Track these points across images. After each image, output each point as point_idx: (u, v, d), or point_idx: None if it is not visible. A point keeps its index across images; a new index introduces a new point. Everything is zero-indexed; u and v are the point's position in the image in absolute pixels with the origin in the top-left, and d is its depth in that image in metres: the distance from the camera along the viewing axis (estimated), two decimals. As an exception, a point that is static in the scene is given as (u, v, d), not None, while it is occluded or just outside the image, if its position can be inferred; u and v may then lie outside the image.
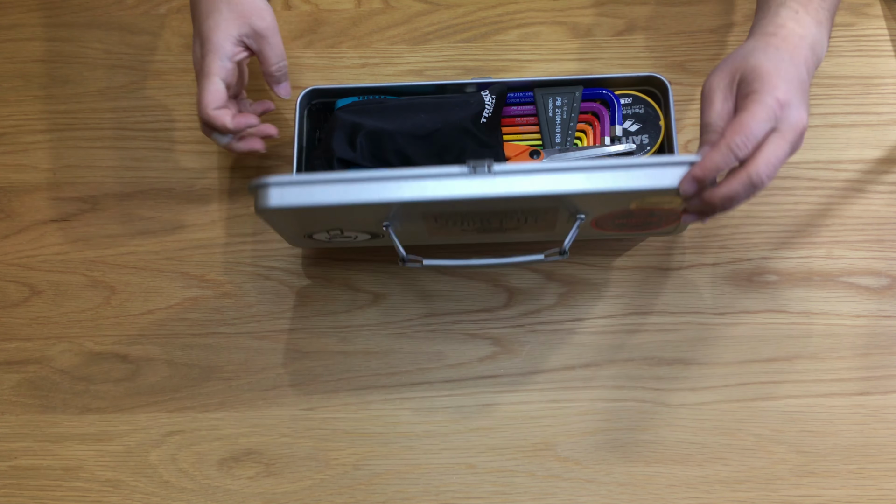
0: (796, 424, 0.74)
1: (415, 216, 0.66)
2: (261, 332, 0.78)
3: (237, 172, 0.83)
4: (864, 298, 0.77)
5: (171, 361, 0.78)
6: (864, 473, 0.73)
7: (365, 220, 0.67)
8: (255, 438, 0.76)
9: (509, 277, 0.79)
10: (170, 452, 0.76)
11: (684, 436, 0.74)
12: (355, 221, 0.68)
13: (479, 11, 0.87)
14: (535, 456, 0.74)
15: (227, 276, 0.80)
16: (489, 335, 0.78)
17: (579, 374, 0.76)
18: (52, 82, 0.87)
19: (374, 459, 0.75)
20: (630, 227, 0.71)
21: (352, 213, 0.64)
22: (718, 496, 0.73)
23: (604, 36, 0.86)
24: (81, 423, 0.77)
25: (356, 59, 0.86)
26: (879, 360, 0.75)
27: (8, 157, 0.85)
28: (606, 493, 0.73)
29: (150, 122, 0.85)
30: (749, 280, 0.78)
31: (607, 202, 0.64)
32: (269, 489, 0.74)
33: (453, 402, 0.76)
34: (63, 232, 0.82)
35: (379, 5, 0.88)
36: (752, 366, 0.76)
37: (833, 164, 0.81)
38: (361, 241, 0.73)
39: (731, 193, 0.60)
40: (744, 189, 0.59)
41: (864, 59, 0.84)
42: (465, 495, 0.74)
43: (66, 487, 0.75)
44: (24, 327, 0.80)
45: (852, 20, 0.85)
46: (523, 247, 0.79)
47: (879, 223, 0.79)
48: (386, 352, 0.78)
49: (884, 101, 0.82)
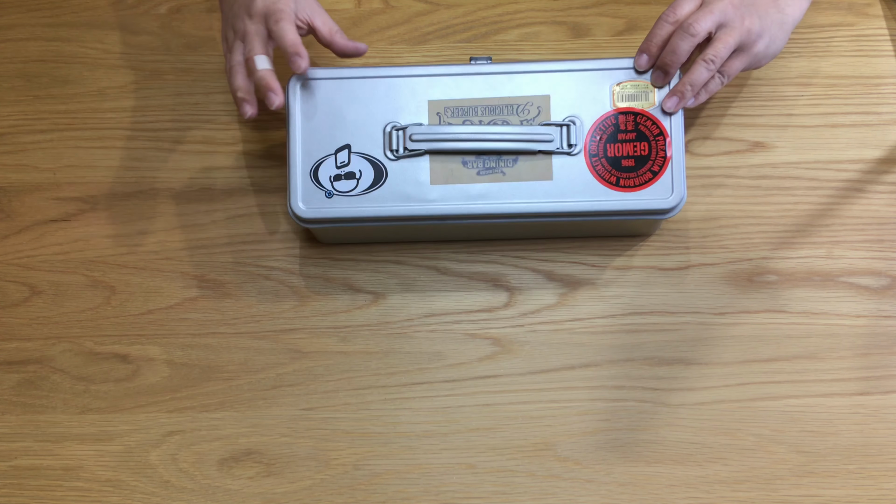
0: (796, 424, 0.74)
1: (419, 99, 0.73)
2: (261, 332, 0.78)
3: (237, 172, 0.83)
4: (864, 298, 0.77)
5: (171, 361, 0.78)
6: (864, 473, 0.73)
7: (374, 117, 0.73)
8: (255, 438, 0.76)
9: (509, 277, 0.79)
10: (170, 452, 0.76)
11: (684, 436, 0.74)
12: (366, 116, 0.73)
13: (479, 11, 0.87)
14: (535, 456, 0.74)
15: (227, 276, 0.80)
16: (489, 335, 0.78)
17: (579, 374, 0.76)
18: (52, 82, 0.87)
19: (374, 459, 0.75)
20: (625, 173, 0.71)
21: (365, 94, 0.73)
22: (718, 496, 0.73)
23: (604, 36, 0.86)
24: (81, 423, 0.77)
25: (356, 58, 0.86)
26: (879, 360, 0.75)
27: (8, 157, 0.85)
28: (606, 493, 0.73)
29: (150, 122, 0.85)
30: (749, 280, 0.78)
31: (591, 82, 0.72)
32: (269, 489, 0.74)
33: (453, 402, 0.76)
34: (63, 232, 0.82)
35: (379, 5, 0.88)
36: (752, 366, 0.76)
37: (833, 164, 0.81)
38: (363, 188, 0.73)
39: (672, 45, 0.70)
40: (679, 38, 0.70)
41: (864, 59, 0.84)
42: (465, 495, 0.74)
43: (66, 487, 0.75)
44: (24, 327, 0.80)
45: (852, 20, 0.85)
46: (524, 244, 0.79)
47: (879, 223, 0.79)
48: (386, 352, 0.78)
49: (884, 101, 0.82)
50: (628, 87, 0.72)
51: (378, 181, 0.73)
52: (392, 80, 0.73)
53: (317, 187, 0.73)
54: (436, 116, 0.73)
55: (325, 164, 0.73)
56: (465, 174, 0.72)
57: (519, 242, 0.80)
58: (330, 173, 0.73)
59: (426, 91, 0.73)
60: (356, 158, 0.73)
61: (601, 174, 0.72)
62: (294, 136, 0.73)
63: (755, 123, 0.82)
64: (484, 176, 0.72)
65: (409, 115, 0.73)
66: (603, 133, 0.72)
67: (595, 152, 0.72)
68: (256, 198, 0.82)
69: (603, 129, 0.72)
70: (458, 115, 0.73)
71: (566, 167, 0.72)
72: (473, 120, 0.73)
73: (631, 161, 0.72)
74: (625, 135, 0.72)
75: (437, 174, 0.72)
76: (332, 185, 0.73)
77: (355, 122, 0.73)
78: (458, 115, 0.73)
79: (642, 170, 0.71)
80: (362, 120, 0.73)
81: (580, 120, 0.72)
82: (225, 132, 0.84)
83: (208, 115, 0.85)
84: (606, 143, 0.72)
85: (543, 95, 0.72)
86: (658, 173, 0.71)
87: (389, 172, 0.73)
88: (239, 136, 0.84)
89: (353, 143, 0.73)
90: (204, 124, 0.85)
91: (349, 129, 0.73)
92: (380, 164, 0.73)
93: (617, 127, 0.72)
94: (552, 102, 0.72)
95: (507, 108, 0.73)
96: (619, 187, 0.72)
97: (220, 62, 0.87)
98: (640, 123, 0.72)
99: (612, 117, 0.72)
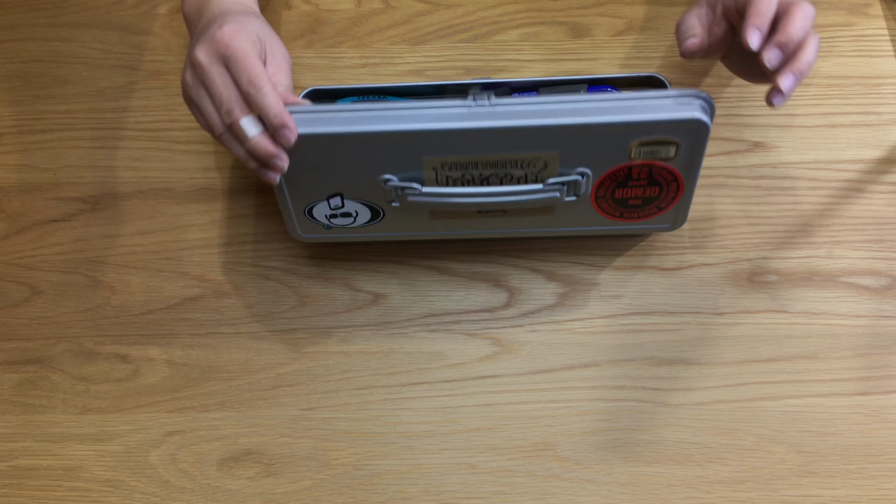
0: (796, 424, 0.74)
1: (414, 156, 0.66)
2: (261, 332, 0.78)
3: (237, 172, 0.83)
4: (864, 298, 0.77)
5: (171, 361, 0.78)
6: (864, 473, 0.73)
7: (366, 171, 0.67)
8: (255, 438, 0.76)
9: (509, 277, 0.79)
10: (170, 452, 0.76)
11: (684, 436, 0.74)
12: (358, 171, 0.67)
13: (479, 11, 0.87)
14: (535, 456, 0.74)
15: (227, 276, 0.80)
16: (489, 335, 0.78)
17: (579, 374, 0.76)
18: (52, 82, 0.87)
19: (374, 459, 0.75)
20: (631, 209, 0.71)
21: (355, 151, 0.65)
22: (718, 496, 0.73)
23: (604, 36, 0.86)
24: (81, 423, 0.77)
25: (356, 59, 0.86)
26: (879, 360, 0.75)
27: (8, 157, 0.85)
28: (606, 493, 0.73)
29: (150, 122, 0.85)
30: (749, 280, 0.78)
31: (607, 141, 0.64)
32: (269, 489, 0.74)
33: (453, 402, 0.76)
34: (63, 232, 0.82)
35: (379, 5, 0.88)
36: (752, 366, 0.76)
37: (833, 164, 0.81)
38: (361, 223, 0.72)
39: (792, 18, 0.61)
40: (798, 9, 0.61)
41: (864, 59, 0.84)
42: (465, 495, 0.74)
43: (66, 487, 0.75)
44: (24, 327, 0.80)
45: (852, 20, 0.85)
46: (523, 244, 0.79)
47: (879, 223, 0.79)
48: (386, 352, 0.78)
49: (884, 101, 0.82)
50: (649, 143, 0.64)
51: (376, 218, 0.72)
52: (385, 136, 0.64)
53: (313, 222, 0.73)
54: (432, 171, 0.67)
55: (318, 206, 0.71)
56: (466, 212, 0.71)
57: (519, 242, 0.80)
58: (325, 212, 0.71)
59: (422, 147, 0.65)
60: (350, 203, 0.71)
61: (605, 210, 0.71)
62: (282, 185, 0.69)
63: (755, 123, 0.82)
64: (485, 214, 0.71)
65: (404, 169, 0.67)
66: (613, 181, 0.68)
67: (602, 195, 0.69)
68: (256, 198, 0.82)
69: (614, 178, 0.67)
70: (456, 169, 0.66)
71: (569, 205, 0.69)
72: (474, 174, 0.67)
73: (638, 201, 0.70)
74: (636, 181, 0.68)
75: (437, 213, 0.71)
76: (328, 220, 0.72)
77: (347, 176, 0.68)
78: (456, 169, 0.66)
79: (649, 207, 0.71)
80: (354, 174, 0.67)
81: (590, 173, 0.66)
82: (225, 132, 0.84)
83: (208, 115, 0.85)
84: (615, 188, 0.68)
85: (552, 153, 0.65)
86: (664, 209, 0.71)
87: (387, 213, 0.71)
88: (239, 136, 0.84)
89: (346, 193, 0.69)
90: (204, 124, 0.85)
91: (341, 181, 0.68)
92: (377, 207, 0.71)
93: (629, 176, 0.67)
94: (562, 157, 0.65)
95: (510, 164, 0.66)
96: (623, 219, 0.72)
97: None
98: (655, 173, 0.67)
99: (625, 169, 0.66)
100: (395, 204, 0.69)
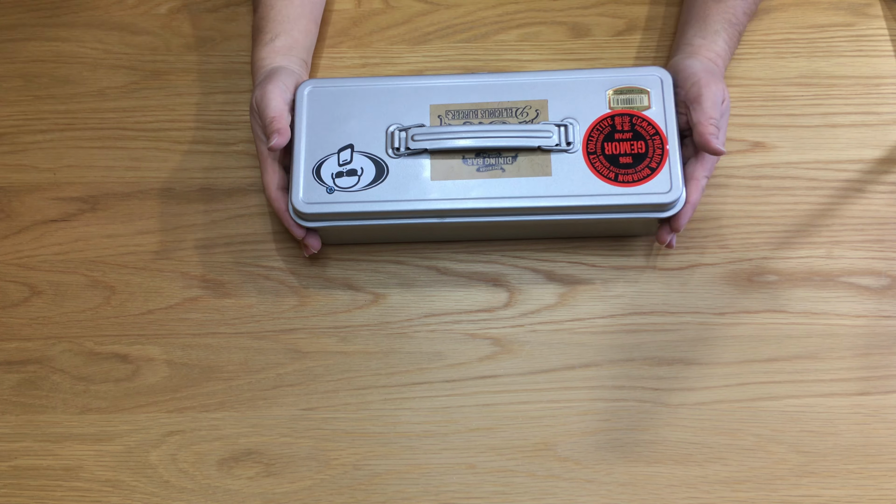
0: (796, 424, 0.74)
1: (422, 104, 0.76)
2: (261, 332, 0.78)
3: (237, 172, 0.83)
4: (864, 298, 0.77)
5: (171, 361, 0.78)
6: (864, 473, 0.73)
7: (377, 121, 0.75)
8: (255, 438, 0.76)
9: (509, 277, 0.79)
10: (170, 452, 0.76)
11: (684, 436, 0.74)
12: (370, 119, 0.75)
13: (479, 11, 0.87)
14: (535, 456, 0.74)
15: (227, 276, 0.80)
16: (489, 335, 0.78)
17: (579, 374, 0.76)
18: (52, 82, 0.87)
19: (374, 459, 0.75)
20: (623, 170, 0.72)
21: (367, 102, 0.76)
22: (718, 496, 0.73)
23: (604, 36, 0.86)
24: (81, 423, 0.77)
25: (356, 59, 0.86)
26: (879, 360, 0.75)
27: (8, 157, 0.85)
28: (606, 493, 0.73)
29: (150, 122, 0.85)
30: (749, 280, 0.78)
31: (586, 88, 0.75)
32: (269, 489, 0.74)
33: (453, 402, 0.76)
34: (63, 232, 0.82)
35: (379, 5, 0.88)
36: (752, 366, 0.76)
37: (833, 164, 0.81)
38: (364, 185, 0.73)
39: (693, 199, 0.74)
40: None
41: (864, 59, 0.84)
42: (465, 495, 0.74)
43: (66, 487, 0.75)
44: (24, 327, 0.80)
45: (852, 20, 0.85)
46: (523, 244, 0.79)
47: (879, 223, 0.79)
48: (386, 352, 0.78)
49: (884, 101, 0.82)
50: (623, 91, 0.75)
51: (379, 177, 0.74)
52: (395, 88, 0.76)
53: (318, 184, 0.74)
54: (437, 119, 0.75)
55: (327, 162, 0.74)
56: (465, 170, 0.73)
57: (519, 242, 0.80)
58: (332, 171, 0.74)
59: (427, 97, 0.76)
60: (358, 157, 0.74)
61: (599, 170, 0.73)
62: (299, 137, 0.75)
63: (755, 123, 0.82)
64: (483, 172, 0.73)
65: (411, 119, 0.75)
66: (600, 133, 0.74)
67: (593, 150, 0.73)
68: (256, 198, 0.82)
69: (600, 129, 0.74)
70: (458, 117, 0.75)
71: (565, 164, 0.73)
72: (473, 121, 0.75)
73: (629, 158, 0.73)
74: (622, 134, 0.74)
75: (437, 171, 0.73)
76: (333, 181, 0.74)
77: (359, 125, 0.75)
78: (458, 117, 0.75)
79: (640, 166, 0.72)
80: (366, 123, 0.76)
81: (577, 121, 0.74)
82: (225, 132, 0.85)
83: (208, 115, 0.85)
84: (604, 142, 0.74)
85: (541, 100, 0.75)
86: (655, 170, 0.72)
87: (391, 169, 0.74)
88: (239, 136, 0.84)
89: (356, 144, 0.75)
90: (204, 124, 0.85)
91: (353, 131, 0.75)
92: (381, 161, 0.74)
93: (614, 127, 0.74)
94: (550, 106, 0.75)
95: (506, 111, 0.75)
96: (618, 182, 0.72)
97: (220, 61, 0.87)
98: (637, 124, 0.74)
99: (608, 119, 0.74)
100: (403, 152, 0.74)
